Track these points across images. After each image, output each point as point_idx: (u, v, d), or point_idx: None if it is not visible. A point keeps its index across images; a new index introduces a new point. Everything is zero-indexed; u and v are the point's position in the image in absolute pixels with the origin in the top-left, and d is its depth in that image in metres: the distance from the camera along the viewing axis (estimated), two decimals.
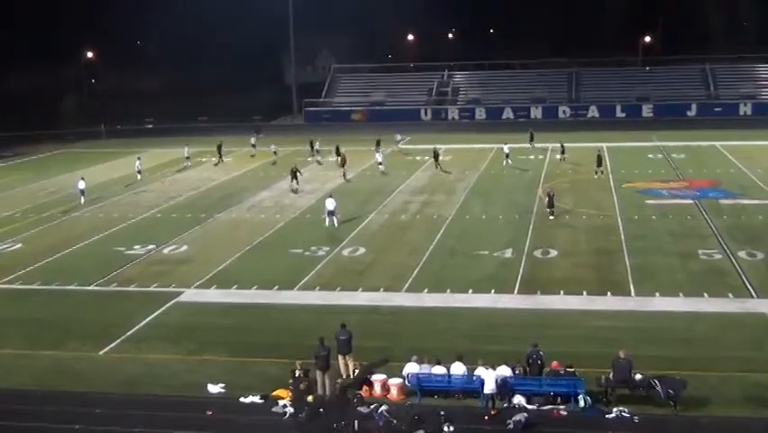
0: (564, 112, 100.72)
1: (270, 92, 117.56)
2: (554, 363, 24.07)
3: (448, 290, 33.86)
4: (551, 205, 45.40)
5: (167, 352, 28.31)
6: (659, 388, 22.85)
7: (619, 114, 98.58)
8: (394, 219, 47.40)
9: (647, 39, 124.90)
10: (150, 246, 42.36)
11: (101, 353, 28.56)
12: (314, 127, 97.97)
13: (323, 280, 35.77)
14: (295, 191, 55.34)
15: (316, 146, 71.40)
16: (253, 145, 74.28)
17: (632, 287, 33.70)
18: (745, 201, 49.06)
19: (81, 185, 53.77)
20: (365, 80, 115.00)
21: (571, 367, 23.86)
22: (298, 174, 56.51)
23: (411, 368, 24.44)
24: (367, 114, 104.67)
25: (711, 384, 24.17)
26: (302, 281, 35.65)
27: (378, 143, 69.29)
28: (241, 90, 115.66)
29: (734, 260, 36.95)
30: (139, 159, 63.91)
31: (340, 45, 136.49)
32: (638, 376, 23.38)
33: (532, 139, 72.40)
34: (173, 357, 27.86)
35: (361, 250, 40.67)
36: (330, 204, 45.00)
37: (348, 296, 33.73)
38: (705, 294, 32.40)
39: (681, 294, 32.49)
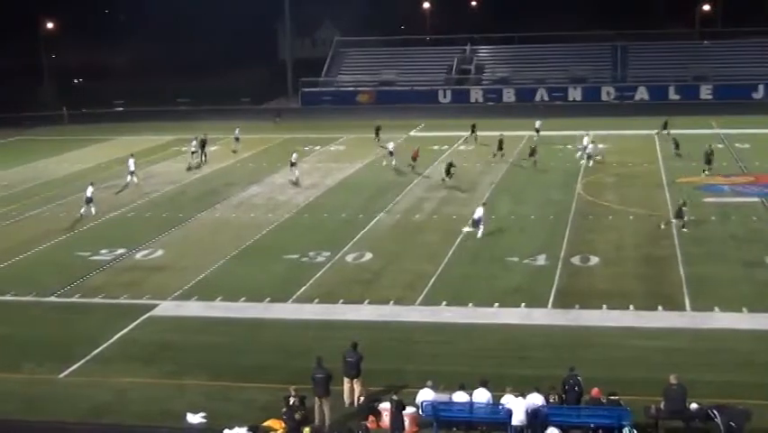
0: (608, 94, 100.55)
1: (262, 70, 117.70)
2: (595, 391, 24.00)
3: (470, 304, 33.84)
4: (679, 215, 43.45)
5: (139, 375, 28.35)
6: (718, 420, 22.75)
7: (673, 96, 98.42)
8: (406, 219, 47.42)
9: (705, 7, 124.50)
10: (120, 251, 42.45)
11: (61, 376, 28.61)
12: (312, 111, 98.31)
13: (322, 291, 35.79)
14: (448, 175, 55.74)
15: (391, 148, 63.87)
16: (237, 138, 72.09)
17: (687, 300, 33.60)
18: None
19: (89, 191, 49.62)
20: (373, 56, 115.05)
21: (614, 395, 23.78)
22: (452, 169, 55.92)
23: (426, 395, 24.40)
24: (375, 95, 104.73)
25: None
26: (298, 293, 35.68)
27: None
28: (226, 68, 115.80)
29: None
30: (132, 156, 59.36)
31: (344, 15, 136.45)
32: (694, 406, 23.32)
33: (665, 127, 70.40)
34: (146, 381, 27.90)
35: (368, 255, 40.72)
36: (478, 212, 43.22)
37: (352, 310, 33.74)
38: None
39: (744, 309, 32.39)
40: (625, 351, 29.13)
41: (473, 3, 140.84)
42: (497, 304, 33.68)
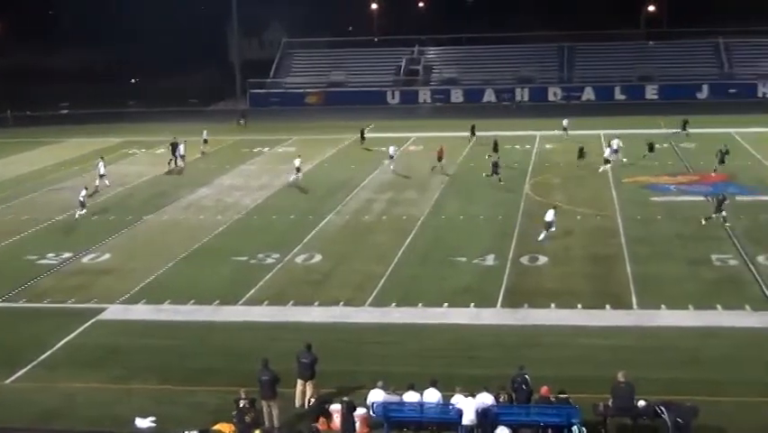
0: (555, 94, 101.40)
1: (210, 72, 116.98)
2: (544, 389, 24.13)
3: (419, 304, 33.93)
4: (719, 210, 43.46)
5: (87, 379, 28.06)
6: (666, 416, 22.98)
7: (619, 96, 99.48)
8: (356, 220, 47.42)
9: (651, 8, 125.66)
10: (67, 254, 42.03)
11: (8, 381, 28.27)
12: (261, 113, 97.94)
13: (272, 293, 35.72)
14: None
15: (392, 152, 61.98)
16: (205, 140, 71.00)
17: (634, 299, 33.96)
18: (765, 198, 49.62)
19: (83, 193, 49.78)
20: (321, 57, 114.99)
21: (563, 393, 23.96)
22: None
23: (376, 396, 24.41)
24: (324, 96, 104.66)
25: (726, 411, 24.39)
26: (247, 295, 35.59)
27: None
28: (174, 69, 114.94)
29: (752, 266, 37.35)
30: (102, 159, 59.10)
31: (291, 16, 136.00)
32: (641, 403, 23.51)
33: (684, 127, 70.92)
34: (95, 386, 27.63)
35: (318, 257, 40.66)
36: (549, 215, 42.42)
37: (302, 311, 33.70)
38: (718, 306, 32.72)
39: (690, 306, 32.79)
40: (573, 349, 29.33)
41: (420, 4, 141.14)
42: (446, 304, 33.79)
